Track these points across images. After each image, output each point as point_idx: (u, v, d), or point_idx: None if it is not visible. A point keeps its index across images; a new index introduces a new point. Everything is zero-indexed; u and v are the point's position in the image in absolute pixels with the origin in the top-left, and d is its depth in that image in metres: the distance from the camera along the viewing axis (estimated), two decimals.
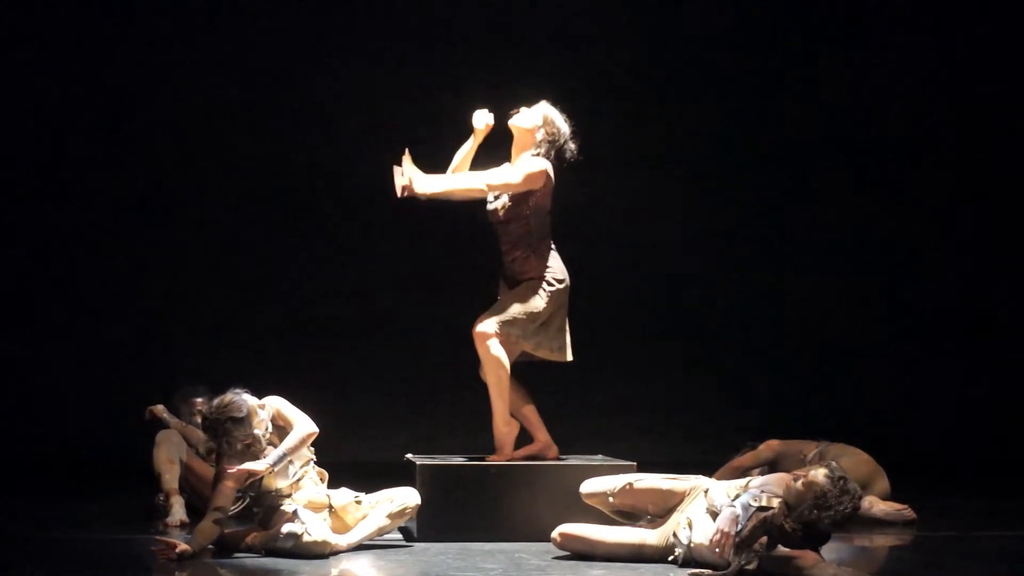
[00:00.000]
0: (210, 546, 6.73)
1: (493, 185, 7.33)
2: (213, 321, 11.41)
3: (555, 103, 7.52)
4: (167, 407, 8.39)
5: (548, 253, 7.43)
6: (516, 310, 7.32)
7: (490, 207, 7.48)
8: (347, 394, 11.10)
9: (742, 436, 9.08)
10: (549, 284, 7.38)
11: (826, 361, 11.90)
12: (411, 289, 11.57)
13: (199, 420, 8.25)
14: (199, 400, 8.38)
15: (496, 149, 7.55)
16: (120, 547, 7.11)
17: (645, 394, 11.59)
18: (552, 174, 7.40)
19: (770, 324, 11.92)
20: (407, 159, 7.30)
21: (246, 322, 11.47)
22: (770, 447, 8.73)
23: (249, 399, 6.82)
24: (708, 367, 11.82)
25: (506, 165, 7.51)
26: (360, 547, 6.93)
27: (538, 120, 7.46)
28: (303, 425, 6.86)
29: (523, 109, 7.47)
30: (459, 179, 7.40)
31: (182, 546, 6.58)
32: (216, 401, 6.82)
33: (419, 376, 11.42)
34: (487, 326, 7.30)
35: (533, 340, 7.35)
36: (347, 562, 6.70)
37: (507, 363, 7.31)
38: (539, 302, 7.35)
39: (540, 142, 7.43)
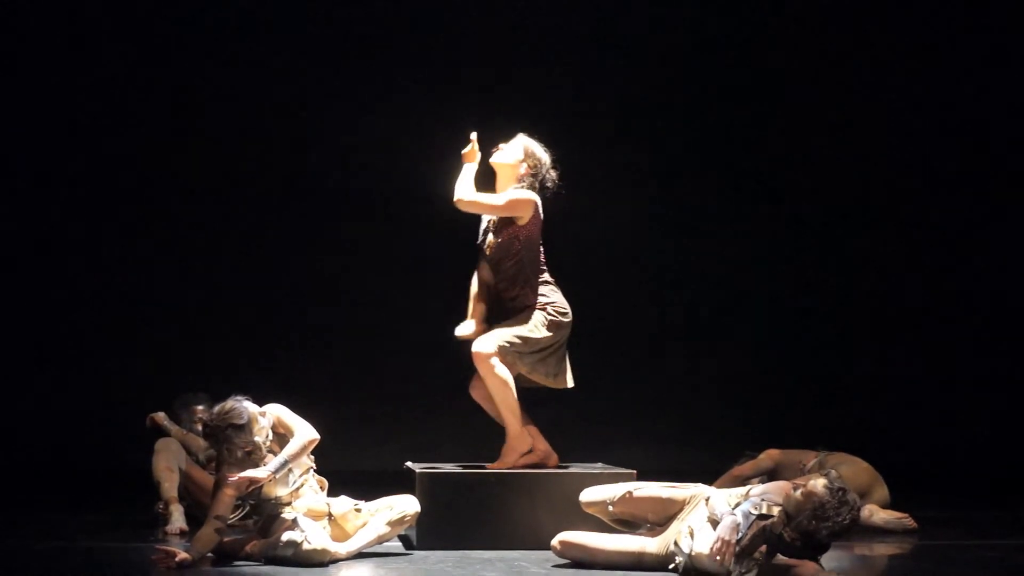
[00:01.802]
0: (209, 554, 6.72)
1: (469, 203, 7.32)
2: (212, 330, 11.41)
3: (533, 130, 7.52)
4: (167, 415, 8.39)
5: (545, 286, 7.40)
6: (515, 334, 7.29)
7: (482, 244, 7.47)
8: (347, 402, 11.10)
9: (742, 445, 9.08)
10: (550, 315, 7.35)
11: (827, 370, 11.91)
12: (411, 297, 11.57)
13: (199, 428, 8.26)
14: (199, 407, 8.39)
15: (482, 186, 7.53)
16: (120, 555, 7.10)
17: (645, 402, 11.59)
18: (540, 207, 7.40)
19: (771, 332, 11.92)
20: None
21: (245, 330, 11.46)
22: (770, 456, 8.73)
23: (250, 406, 6.81)
24: (708, 375, 11.82)
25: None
26: (360, 555, 6.92)
27: (519, 154, 7.45)
28: (304, 432, 6.86)
29: (502, 145, 7.47)
30: (466, 179, 7.38)
31: (182, 554, 6.57)
32: (217, 408, 6.81)
33: (419, 384, 11.42)
34: (485, 346, 7.27)
35: (528, 364, 7.33)
36: (347, 570, 6.69)
37: (511, 380, 7.28)
38: (541, 331, 7.32)
39: (523, 176, 7.42)
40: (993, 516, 9.11)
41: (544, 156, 7.47)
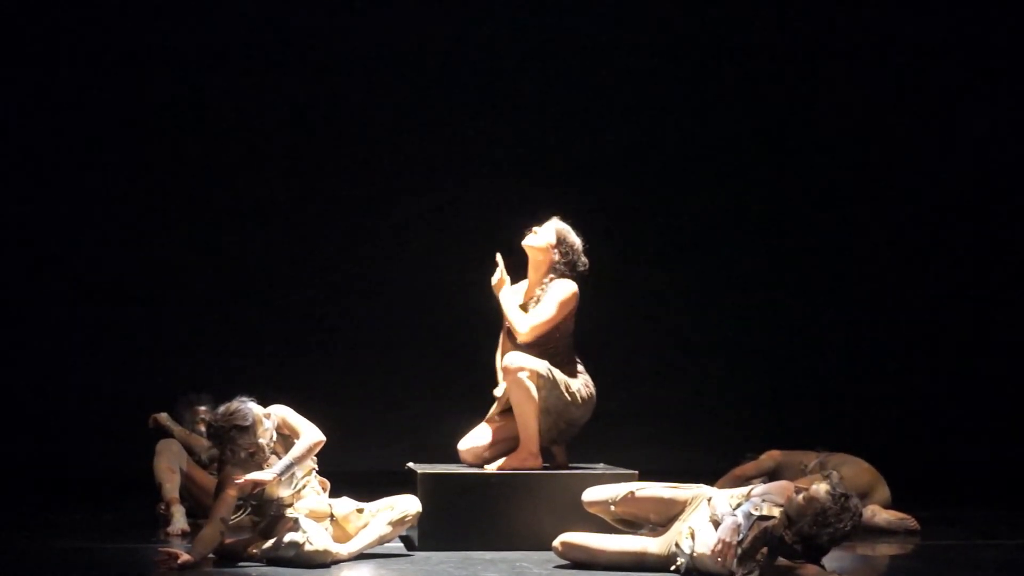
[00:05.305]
0: (211, 555, 6.72)
1: (537, 327, 7.24)
2: (216, 331, 11.41)
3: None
4: (170, 415, 8.39)
5: (576, 376, 7.37)
6: (554, 370, 7.27)
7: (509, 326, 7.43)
8: (349, 403, 11.09)
9: (744, 446, 9.07)
10: (586, 386, 7.37)
11: (828, 371, 11.90)
12: (416, 298, 11.57)
13: (202, 428, 8.26)
14: (202, 408, 8.40)
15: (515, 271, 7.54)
16: (122, 556, 7.10)
17: (647, 403, 11.58)
18: (578, 293, 7.37)
19: (772, 334, 11.92)
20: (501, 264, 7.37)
21: (249, 332, 11.46)
22: (771, 457, 8.73)
23: (254, 408, 6.79)
24: (710, 376, 11.82)
25: (522, 285, 7.49)
26: (361, 556, 6.92)
27: (551, 239, 7.40)
28: (310, 434, 6.84)
29: (536, 228, 7.41)
30: (515, 311, 7.31)
31: (184, 556, 6.57)
32: (222, 409, 6.80)
33: (421, 385, 11.41)
34: (518, 361, 7.23)
35: (549, 403, 7.26)
36: (348, 571, 6.69)
37: (535, 395, 7.25)
38: (576, 383, 7.33)
39: (556, 262, 7.38)
40: (995, 516, 9.11)
41: (576, 240, 7.43)
